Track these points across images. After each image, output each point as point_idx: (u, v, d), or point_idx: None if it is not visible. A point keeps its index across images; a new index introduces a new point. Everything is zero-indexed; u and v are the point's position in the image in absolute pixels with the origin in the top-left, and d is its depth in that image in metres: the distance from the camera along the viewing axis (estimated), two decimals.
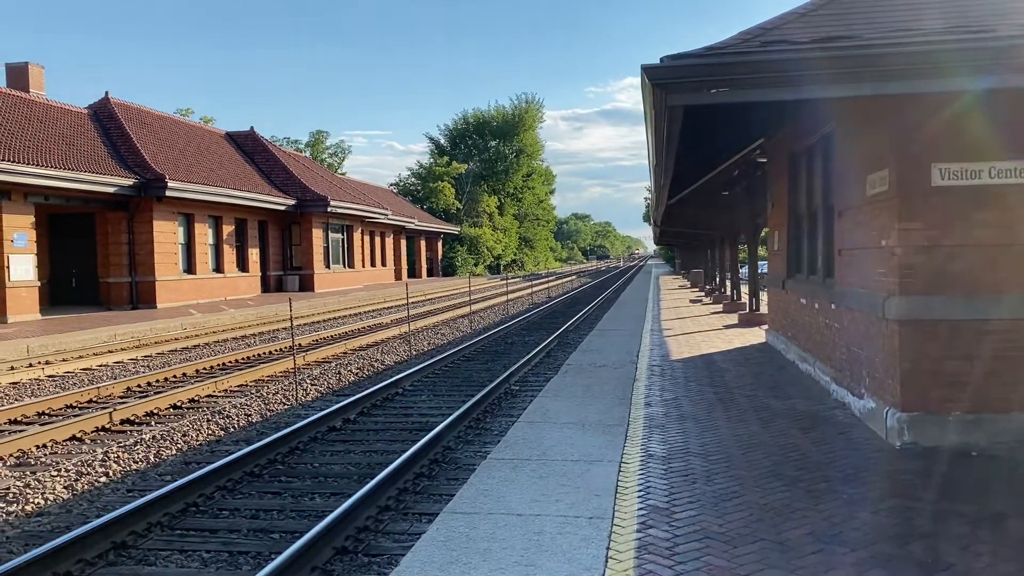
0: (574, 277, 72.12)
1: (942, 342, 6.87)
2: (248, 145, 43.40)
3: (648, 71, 5.59)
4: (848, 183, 8.55)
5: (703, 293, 32.74)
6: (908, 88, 5.71)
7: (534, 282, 55.70)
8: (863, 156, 7.94)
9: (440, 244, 74.11)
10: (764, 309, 17.08)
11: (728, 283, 25.67)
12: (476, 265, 78.98)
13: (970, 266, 6.84)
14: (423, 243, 68.58)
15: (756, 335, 15.74)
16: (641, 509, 5.36)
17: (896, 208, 6.96)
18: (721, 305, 23.87)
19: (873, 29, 5.91)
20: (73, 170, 25.25)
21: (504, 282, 49.72)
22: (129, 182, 27.71)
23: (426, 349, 18.87)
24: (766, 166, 14.21)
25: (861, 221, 8.06)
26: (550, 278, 65.44)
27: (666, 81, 5.66)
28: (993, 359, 6.78)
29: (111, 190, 27.13)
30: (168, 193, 28.68)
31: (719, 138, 10.47)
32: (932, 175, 6.86)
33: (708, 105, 6.64)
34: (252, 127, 44.96)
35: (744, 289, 22.34)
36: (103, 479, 8.19)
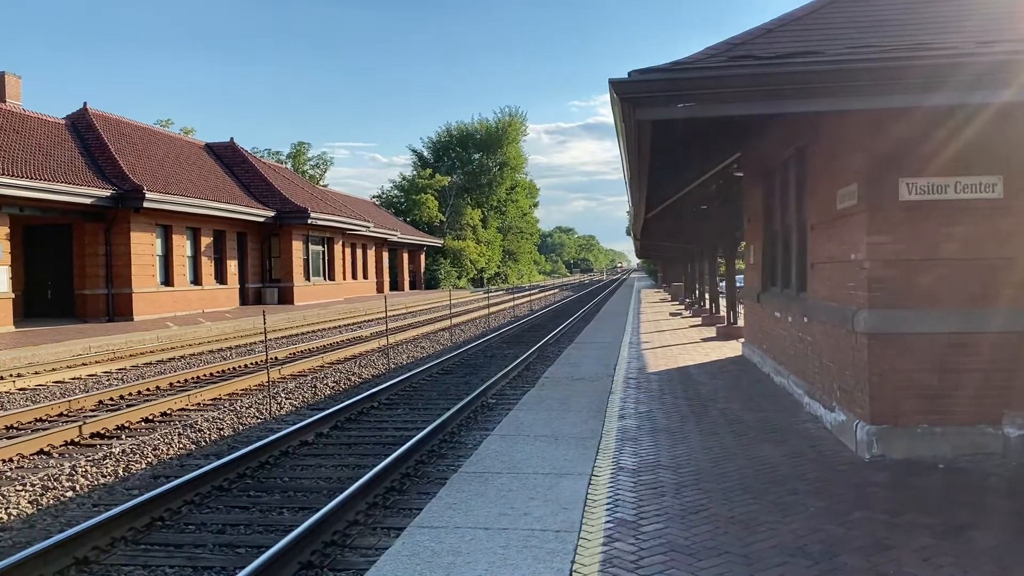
0: (557, 290, 72.21)
1: (910, 355, 6.92)
2: (228, 156, 43.23)
3: (616, 85, 5.62)
4: (820, 197, 8.63)
5: (683, 306, 32.86)
6: (871, 104, 5.77)
7: (517, 295, 55.73)
8: (833, 170, 8.01)
9: (423, 257, 73.99)
10: (742, 322, 17.16)
11: (707, 296, 25.78)
12: (459, 278, 78.91)
13: (937, 280, 6.91)
14: (405, 256, 68.45)
15: (733, 348, 15.80)
16: (608, 522, 5.34)
17: (865, 222, 7.03)
18: (700, 318, 23.96)
19: (838, 45, 5.97)
20: (49, 181, 25.04)
21: (486, 295, 49.69)
22: (107, 193, 27.51)
23: (404, 362, 18.80)
24: (743, 180, 14.32)
25: (832, 235, 8.13)
26: (533, 291, 65.48)
27: (633, 96, 5.69)
28: (960, 372, 6.84)
29: (88, 201, 26.91)
30: (146, 204, 28.48)
31: (692, 153, 10.54)
32: (900, 190, 6.93)
33: (678, 119, 6.68)
34: (232, 138, 44.83)
35: (723, 302, 22.44)
36: (69, 493, 8.07)
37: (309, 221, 40.09)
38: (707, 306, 25.36)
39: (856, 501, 5.74)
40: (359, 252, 53.84)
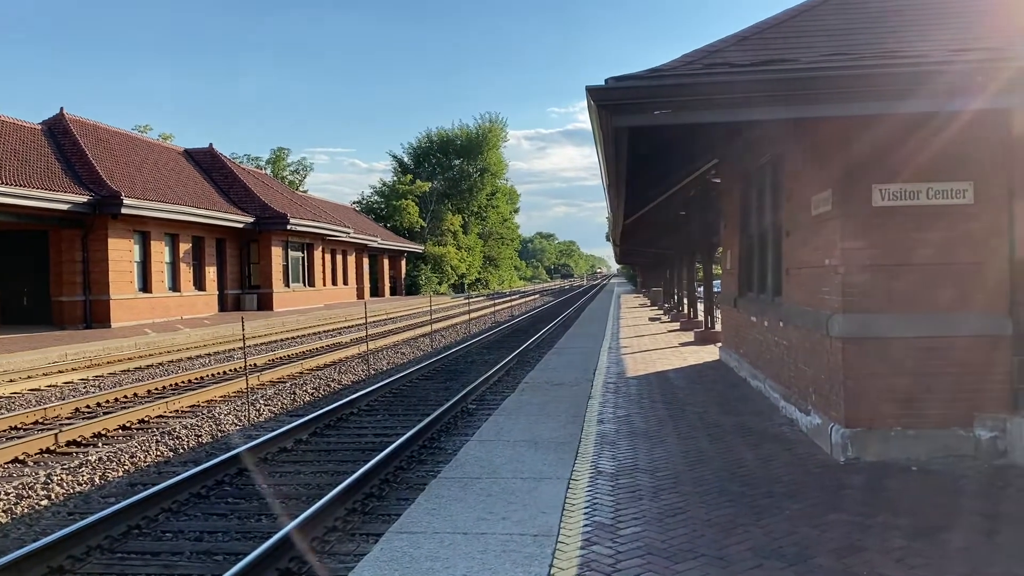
0: (537, 296, 72.31)
1: (884, 359, 7.01)
2: (207, 162, 42.97)
3: (593, 93, 5.67)
4: (795, 203, 8.73)
5: (662, 311, 33.01)
6: (844, 111, 5.86)
7: (497, 301, 55.72)
8: (808, 177, 8.11)
9: (403, 263, 73.85)
10: (719, 327, 17.27)
11: (685, 301, 25.93)
12: (440, 284, 78.81)
13: (910, 285, 7.00)
14: (386, 261, 68.28)
15: (711, 352, 15.90)
16: (587, 526, 5.37)
17: (839, 228, 7.12)
18: (679, 323, 24.08)
19: (812, 53, 6.06)
20: (25, 187, 24.78)
21: (467, 301, 49.67)
22: (83, 199, 27.26)
23: (384, 368, 18.76)
24: (720, 186, 14.44)
25: (807, 240, 8.23)
26: (514, 297, 65.51)
27: (611, 103, 5.74)
28: (932, 376, 6.94)
29: (65, 207, 26.66)
30: (124, 210, 28.25)
31: (670, 159, 10.63)
32: (873, 196, 7.02)
33: (655, 126, 6.74)
34: (211, 144, 44.58)
35: (701, 307, 22.57)
36: (44, 502, 8.00)
37: (289, 227, 39.91)
38: (685, 311, 25.50)
39: (831, 503, 5.80)
40: (339, 258, 53.66)
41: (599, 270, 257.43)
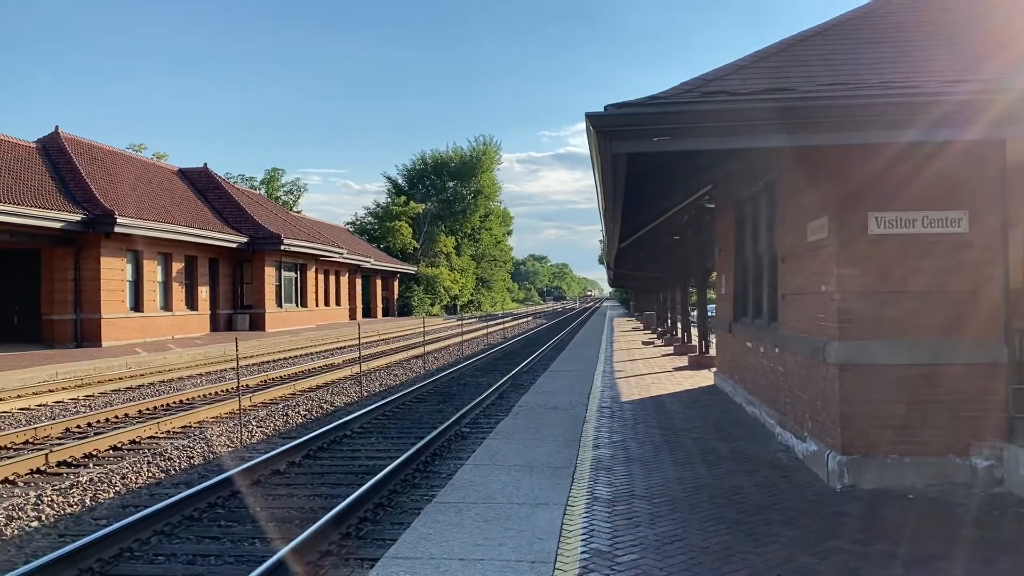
0: (530, 318, 72.27)
1: (881, 386, 7.03)
2: (201, 182, 42.97)
3: (592, 119, 5.71)
4: (790, 229, 8.78)
5: (655, 335, 33.03)
6: (840, 140, 5.91)
7: (490, 323, 55.66)
8: (804, 204, 8.16)
9: (396, 284, 73.78)
10: (714, 352, 17.28)
11: (679, 326, 25.96)
12: (432, 305, 78.72)
13: (906, 312, 7.04)
14: (379, 283, 68.21)
15: (705, 377, 15.90)
16: (584, 553, 5.34)
17: (835, 255, 7.16)
18: (672, 347, 24.10)
19: (810, 82, 6.13)
20: (19, 204, 24.71)
21: (460, 323, 49.63)
22: (77, 218, 27.20)
23: (377, 390, 18.69)
24: (714, 211, 14.51)
25: (803, 267, 8.27)
26: (506, 319, 65.41)
27: (610, 129, 5.78)
28: (928, 403, 6.96)
29: (58, 226, 26.58)
30: (117, 229, 28.18)
31: (666, 184, 10.69)
32: (869, 223, 7.08)
33: (652, 152, 6.78)
34: (205, 164, 44.62)
35: (695, 332, 22.60)
36: (34, 524, 7.91)
37: (282, 247, 39.88)
38: (679, 335, 25.52)
39: (828, 531, 5.79)
40: (332, 278, 53.59)
41: (590, 292, 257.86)
